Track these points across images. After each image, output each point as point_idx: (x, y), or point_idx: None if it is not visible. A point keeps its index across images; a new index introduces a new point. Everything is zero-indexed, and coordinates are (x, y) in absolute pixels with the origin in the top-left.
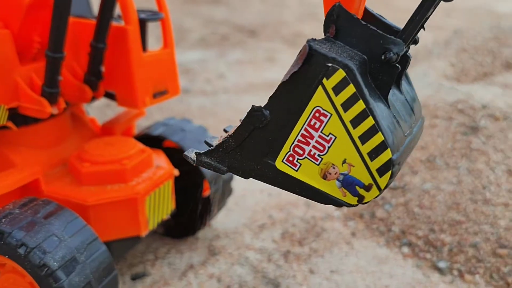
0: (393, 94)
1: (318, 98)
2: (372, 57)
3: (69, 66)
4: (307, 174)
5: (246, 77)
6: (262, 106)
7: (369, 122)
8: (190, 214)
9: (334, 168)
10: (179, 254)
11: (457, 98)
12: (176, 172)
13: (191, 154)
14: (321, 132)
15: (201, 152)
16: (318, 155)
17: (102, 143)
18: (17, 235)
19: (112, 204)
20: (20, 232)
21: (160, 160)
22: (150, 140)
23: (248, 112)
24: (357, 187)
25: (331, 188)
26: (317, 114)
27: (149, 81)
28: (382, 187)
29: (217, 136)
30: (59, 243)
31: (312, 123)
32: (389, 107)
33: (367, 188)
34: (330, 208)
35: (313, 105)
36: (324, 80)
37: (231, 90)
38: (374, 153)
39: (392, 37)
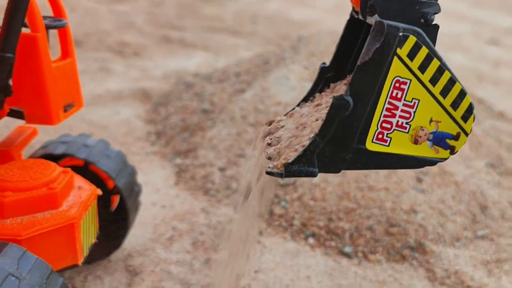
0: None
1: (396, 69)
2: (412, 24)
3: None
4: (399, 145)
5: (87, 88)
6: (343, 94)
7: (446, 76)
8: (101, 234)
9: (423, 130)
10: (98, 280)
11: None
12: (99, 191)
13: (274, 170)
14: (404, 100)
15: (289, 162)
16: (406, 123)
17: (16, 168)
18: None
19: (47, 234)
20: None
21: (78, 181)
22: (49, 160)
23: (331, 104)
24: (447, 140)
25: (424, 150)
26: (397, 84)
27: (60, 94)
28: (469, 132)
29: (270, 166)
30: (19, 283)
31: (394, 94)
32: None
33: (456, 138)
34: (230, 211)
35: (392, 76)
36: (398, 50)
37: None
38: (456, 103)
39: (427, 0)
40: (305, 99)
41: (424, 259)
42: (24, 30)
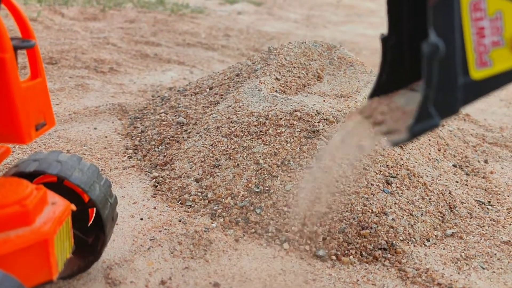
0: None
1: None
2: None
3: None
4: (502, 61)
5: (64, 106)
6: (430, 39)
7: None
8: (80, 248)
9: None
10: None
11: (293, 107)
12: (73, 207)
13: (397, 138)
14: (487, 17)
15: (411, 124)
16: (499, 38)
17: None
18: None
19: (21, 251)
20: None
21: (52, 197)
22: (23, 178)
23: (425, 53)
24: None
25: None
26: (474, 6)
27: (30, 113)
28: None
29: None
30: None
31: (475, 16)
32: None
33: None
34: (207, 220)
35: (466, 1)
36: None
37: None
38: None
39: None
40: (380, 76)
41: (396, 259)
42: None
